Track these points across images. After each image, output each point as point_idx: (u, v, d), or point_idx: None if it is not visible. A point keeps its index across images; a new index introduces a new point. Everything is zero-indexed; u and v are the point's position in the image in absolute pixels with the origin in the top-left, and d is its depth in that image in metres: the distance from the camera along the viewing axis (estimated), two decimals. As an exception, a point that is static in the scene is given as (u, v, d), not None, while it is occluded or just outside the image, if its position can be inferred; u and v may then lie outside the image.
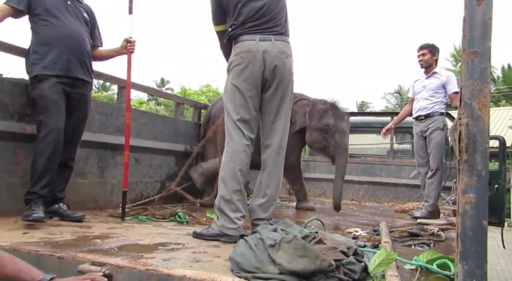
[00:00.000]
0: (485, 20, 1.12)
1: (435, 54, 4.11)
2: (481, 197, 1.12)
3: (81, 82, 2.72)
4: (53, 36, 2.59)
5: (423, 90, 4.12)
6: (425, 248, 2.39)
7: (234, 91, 2.30)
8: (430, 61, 4.10)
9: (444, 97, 4.08)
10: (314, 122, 3.96)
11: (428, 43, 4.15)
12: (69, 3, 2.72)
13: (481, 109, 1.11)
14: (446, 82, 4.02)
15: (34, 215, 2.31)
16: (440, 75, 4.08)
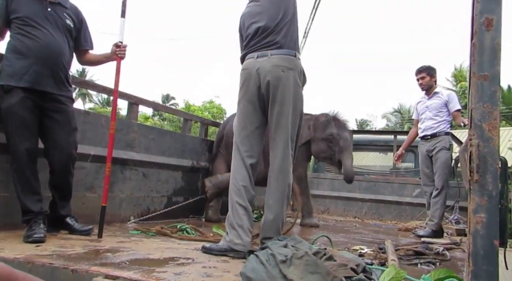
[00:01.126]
0: (495, 46, 1.17)
1: (433, 75, 4.22)
2: (492, 216, 1.15)
3: (54, 95, 2.54)
4: (26, 46, 2.45)
5: (427, 110, 4.20)
6: (431, 267, 2.40)
7: (237, 109, 2.45)
8: (430, 83, 4.21)
9: (448, 116, 4.15)
10: (319, 134, 4.27)
11: (425, 66, 4.27)
12: (49, 9, 2.56)
13: (491, 131, 1.15)
14: (448, 101, 4.11)
15: (35, 236, 2.28)
16: (441, 95, 4.17)
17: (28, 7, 2.50)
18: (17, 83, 2.40)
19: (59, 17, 2.60)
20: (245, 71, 2.40)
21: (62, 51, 2.58)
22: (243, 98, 2.41)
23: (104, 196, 2.66)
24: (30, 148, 2.42)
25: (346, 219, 5.64)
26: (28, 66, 2.43)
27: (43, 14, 2.53)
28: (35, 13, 2.50)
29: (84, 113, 3.20)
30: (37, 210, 2.43)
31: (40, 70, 2.46)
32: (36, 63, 2.45)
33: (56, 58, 2.53)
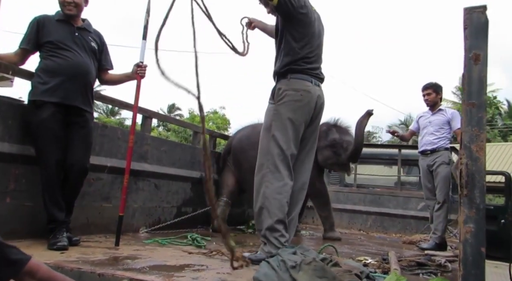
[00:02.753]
0: (481, 78, 1.33)
1: (439, 92, 4.36)
2: (480, 227, 1.29)
3: (81, 111, 2.74)
4: (58, 65, 2.66)
5: (429, 125, 4.32)
6: (432, 277, 2.52)
7: (288, 124, 2.45)
8: (435, 99, 4.34)
9: (449, 133, 4.27)
10: (321, 142, 4.20)
11: (432, 83, 4.40)
12: (76, 34, 2.79)
13: (478, 152, 1.30)
14: (451, 118, 4.23)
15: (59, 244, 2.44)
16: (445, 112, 4.30)
17: (58, 32, 2.74)
18: (49, 99, 2.60)
19: (85, 40, 2.84)
20: (308, 94, 2.51)
21: (89, 71, 2.81)
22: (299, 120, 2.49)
23: (122, 206, 2.82)
24: (59, 160, 2.61)
25: (350, 232, 5.74)
26: (60, 83, 2.64)
27: (72, 38, 2.77)
28: (65, 37, 2.74)
29: (102, 126, 3.37)
30: (61, 219, 2.59)
31: (70, 86, 2.67)
32: (67, 81, 2.66)
33: (84, 76, 2.76)
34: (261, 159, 2.47)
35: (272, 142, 2.43)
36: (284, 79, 2.54)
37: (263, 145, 2.49)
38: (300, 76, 2.52)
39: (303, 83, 2.52)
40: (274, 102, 2.54)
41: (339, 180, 6.65)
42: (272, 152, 2.42)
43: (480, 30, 1.36)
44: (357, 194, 6.31)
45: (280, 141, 2.42)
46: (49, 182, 2.59)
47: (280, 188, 2.38)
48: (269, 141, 2.44)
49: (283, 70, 2.54)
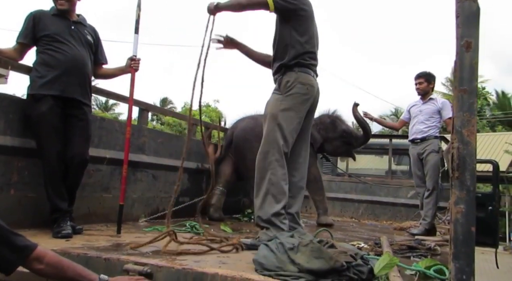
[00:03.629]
0: (472, 65, 1.41)
1: (431, 82, 4.44)
2: (470, 207, 1.38)
3: (80, 103, 2.77)
4: (55, 59, 2.68)
5: (420, 114, 4.42)
6: (422, 259, 2.62)
7: (293, 116, 2.58)
8: (427, 89, 4.42)
9: (439, 122, 4.38)
10: (331, 134, 4.57)
11: (425, 72, 4.48)
12: (73, 28, 2.82)
13: (469, 136, 1.38)
14: (441, 108, 4.33)
15: (64, 232, 2.50)
16: (436, 101, 4.39)
17: (55, 25, 2.76)
18: (47, 92, 2.63)
19: (82, 34, 2.88)
20: (313, 88, 2.65)
21: (86, 63, 2.84)
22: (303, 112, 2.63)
23: (122, 196, 2.88)
24: (60, 151, 2.65)
25: (343, 220, 5.86)
26: (58, 76, 2.67)
27: (68, 32, 2.80)
28: (61, 31, 2.77)
29: (100, 119, 3.41)
30: (65, 208, 2.65)
31: (68, 79, 2.70)
32: (65, 74, 2.69)
33: (82, 69, 2.79)
34: (266, 146, 2.55)
35: (278, 132, 2.53)
36: (292, 72, 2.63)
37: (268, 133, 2.57)
38: (306, 70, 2.64)
39: (309, 77, 2.64)
40: (281, 93, 2.63)
41: (331, 169, 6.75)
42: (278, 141, 2.52)
43: (471, 18, 1.43)
44: (349, 183, 6.44)
45: (285, 131, 2.53)
46: (51, 173, 2.63)
47: (284, 175, 2.50)
48: (275, 130, 2.54)
49: (291, 63, 2.63)
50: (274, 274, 1.65)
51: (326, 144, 4.60)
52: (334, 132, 4.61)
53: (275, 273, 1.66)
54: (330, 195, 6.42)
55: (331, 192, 6.40)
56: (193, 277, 1.71)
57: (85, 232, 2.76)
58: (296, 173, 2.66)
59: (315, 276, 1.61)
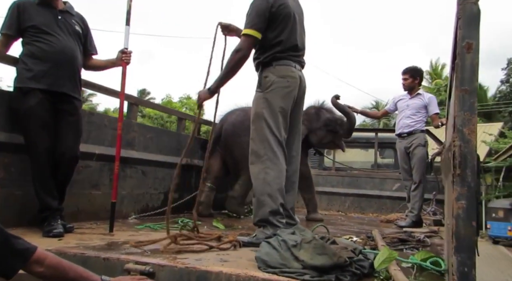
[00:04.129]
0: (474, 65, 1.43)
1: (417, 77, 4.52)
2: (471, 203, 1.41)
3: (69, 98, 2.70)
4: (43, 50, 2.58)
5: (407, 108, 4.50)
6: (415, 251, 2.69)
7: (279, 111, 2.53)
8: (412, 85, 4.51)
9: (425, 117, 4.47)
10: (315, 124, 4.45)
11: (410, 68, 4.56)
12: (60, 18, 2.71)
13: (470, 134, 1.41)
14: (428, 103, 4.42)
15: (55, 231, 2.45)
16: (423, 97, 4.48)
17: (41, 16, 2.65)
18: (36, 85, 2.54)
19: (69, 24, 2.77)
20: (295, 80, 2.60)
21: (76, 55, 2.75)
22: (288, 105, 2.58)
23: (114, 193, 2.83)
24: (49, 147, 2.58)
25: (330, 213, 5.94)
26: (47, 69, 2.58)
27: (55, 22, 2.69)
28: (48, 21, 2.66)
29: (89, 114, 3.35)
30: (55, 207, 2.59)
31: (57, 72, 2.61)
32: (54, 66, 2.60)
33: (71, 61, 2.70)
34: (257, 146, 2.52)
35: (267, 130, 2.49)
36: (270, 67, 2.59)
37: (257, 133, 2.54)
38: (284, 62, 2.59)
39: (288, 69, 2.59)
40: (262, 91, 2.59)
41: (318, 163, 6.81)
42: (268, 139, 2.49)
43: (472, 20, 1.45)
44: (335, 177, 6.51)
45: (274, 128, 2.50)
46: (40, 170, 2.56)
47: (279, 172, 2.48)
48: (263, 129, 2.50)
49: (267, 59, 2.60)
50: (278, 271, 1.67)
51: (310, 135, 4.47)
52: (317, 121, 4.50)
53: (280, 270, 1.67)
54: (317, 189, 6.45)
55: (318, 186, 6.44)
56: (197, 275, 1.71)
57: (76, 230, 2.72)
58: (288, 167, 2.65)
59: (319, 272, 1.63)
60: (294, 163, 2.69)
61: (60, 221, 2.57)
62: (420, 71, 4.57)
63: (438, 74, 26.58)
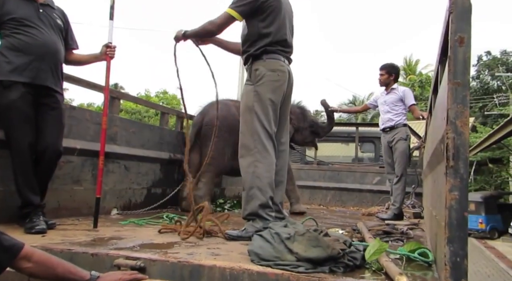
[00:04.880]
0: (465, 59, 1.46)
1: (392, 74, 4.63)
2: (463, 194, 1.44)
3: (52, 91, 2.63)
4: (24, 43, 2.52)
5: (384, 104, 4.62)
6: (399, 243, 2.74)
7: (269, 105, 2.52)
8: (387, 80, 4.63)
9: (403, 109, 4.57)
10: (302, 124, 4.67)
11: (386, 64, 4.68)
12: (41, 11, 2.64)
13: (463, 127, 1.44)
14: (403, 96, 4.53)
15: (37, 228, 2.37)
16: (397, 90, 4.60)
17: (22, 9, 2.56)
18: (17, 78, 2.46)
19: (51, 17, 2.69)
20: (284, 74, 2.60)
21: (58, 49, 2.67)
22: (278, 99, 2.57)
23: (98, 188, 2.77)
24: (31, 142, 2.49)
25: (312, 207, 5.99)
26: (28, 62, 2.50)
27: (37, 15, 2.61)
28: (29, 14, 2.58)
29: (70, 108, 3.25)
30: (37, 203, 2.51)
31: (39, 66, 2.53)
32: (36, 59, 2.52)
33: (53, 55, 2.62)
34: (247, 140, 2.50)
35: (257, 123, 2.48)
36: (260, 60, 2.58)
37: (247, 126, 2.52)
38: (274, 56, 2.59)
39: (278, 63, 2.59)
40: (252, 83, 2.58)
41: (300, 158, 6.86)
42: (258, 132, 2.47)
43: (464, 14, 1.48)
44: (317, 171, 6.57)
45: (264, 121, 2.49)
46: (22, 165, 2.48)
47: (269, 166, 2.47)
48: (253, 122, 2.49)
49: (257, 52, 2.59)
50: (272, 264, 1.66)
51: (296, 134, 4.64)
52: (304, 122, 4.70)
53: (274, 262, 1.67)
54: (299, 183, 6.51)
55: (300, 180, 6.50)
56: (190, 270, 1.69)
57: (58, 227, 2.63)
58: (278, 161, 2.64)
59: (313, 264, 1.64)
60: (283, 157, 2.69)
61: (42, 217, 2.49)
62: (397, 68, 4.69)
63: (412, 70, 27.20)
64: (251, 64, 2.62)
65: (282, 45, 2.62)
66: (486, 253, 11.32)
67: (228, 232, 2.43)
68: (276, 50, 2.59)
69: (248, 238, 2.27)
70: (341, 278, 1.59)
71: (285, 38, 2.63)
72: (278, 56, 2.60)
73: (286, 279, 1.58)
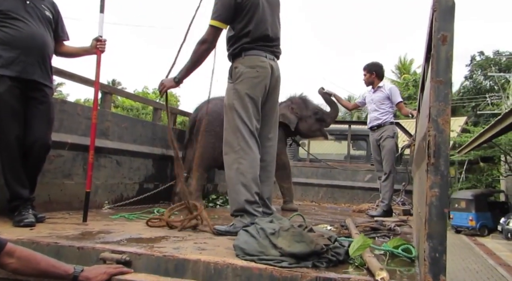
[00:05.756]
0: (448, 57, 1.48)
1: (372, 72, 4.66)
2: (443, 191, 1.47)
3: (40, 85, 2.61)
4: (11, 36, 2.48)
5: (372, 102, 4.68)
6: (386, 239, 2.78)
7: (248, 101, 2.53)
8: (370, 79, 4.68)
9: (391, 107, 4.61)
10: (305, 112, 4.56)
11: (367, 64, 4.73)
12: (28, 2, 2.59)
13: (444, 124, 1.46)
14: (390, 94, 4.58)
15: (26, 221, 2.37)
16: (384, 89, 4.64)
17: (8, 1, 2.53)
18: (4, 72, 2.44)
19: (38, 9, 2.65)
20: (265, 69, 2.59)
21: (46, 42, 2.65)
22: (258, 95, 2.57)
23: (88, 182, 2.78)
24: (19, 136, 2.49)
25: (304, 203, 6.02)
26: (15, 56, 2.48)
27: (24, 7, 2.58)
28: (16, 6, 2.54)
29: (61, 102, 3.25)
30: (26, 196, 2.51)
31: (27, 59, 2.52)
32: (23, 53, 2.50)
33: (41, 48, 2.60)
34: (230, 137, 2.53)
35: (238, 120, 2.50)
36: (239, 58, 2.60)
37: (230, 124, 2.55)
38: (254, 52, 2.60)
39: (258, 59, 2.60)
40: (232, 82, 2.60)
41: (293, 155, 6.88)
42: (240, 129, 2.49)
43: (447, 13, 1.50)
44: (309, 168, 6.60)
45: (245, 118, 2.51)
46: (10, 159, 2.48)
47: (253, 162, 2.49)
48: (234, 120, 2.51)
49: (236, 50, 2.62)
50: (256, 258, 1.68)
51: (301, 123, 4.54)
52: (307, 109, 4.59)
53: (258, 257, 1.69)
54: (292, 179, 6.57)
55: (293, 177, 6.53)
56: (175, 264, 1.71)
57: (48, 220, 2.64)
58: (265, 157, 2.66)
59: (296, 259, 1.66)
60: (270, 153, 2.70)
61: (31, 210, 2.50)
62: (376, 66, 4.69)
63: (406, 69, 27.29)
64: (232, 62, 2.66)
65: (263, 40, 2.62)
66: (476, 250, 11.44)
67: (216, 227, 2.45)
68: (255, 46, 2.60)
69: (235, 233, 2.25)
70: (323, 273, 1.61)
71: (266, 33, 2.62)
72: (258, 52, 2.60)
73: (269, 274, 1.60)
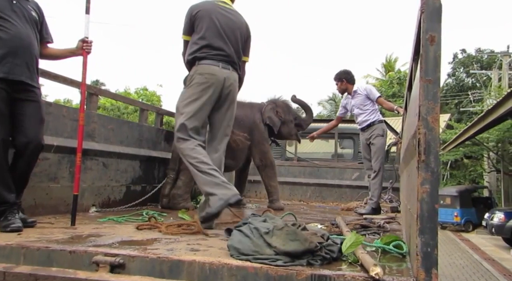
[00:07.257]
0: (436, 57, 1.52)
1: (342, 79, 4.79)
2: (434, 187, 1.50)
3: (28, 86, 2.57)
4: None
5: (355, 108, 4.79)
6: (376, 236, 2.81)
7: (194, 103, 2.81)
8: (342, 87, 4.82)
9: (373, 105, 4.70)
10: (287, 116, 4.80)
11: (336, 74, 4.84)
12: (14, 2, 2.56)
13: (434, 122, 1.50)
14: (367, 93, 4.68)
15: (13, 226, 2.33)
16: (360, 90, 4.77)
17: None
18: None
19: (25, 9, 2.61)
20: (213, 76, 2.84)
21: (33, 43, 2.61)
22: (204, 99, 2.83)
23: (76, 185, 2.74)
24: (5, 139, 2.44)
25: (292, 202, 6.05)
26: (2, 57, 2.44)
27: (10, 7, 2.54)
28: (2, 6, 2.50)
29: (46, 104, 3.18)
30: (12, 200, 2.46)
31: (14, 60, 2.47)
32: (10, 54, 2.46)
33: (28, 49, 2.56)
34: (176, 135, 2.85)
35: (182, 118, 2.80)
36: (194, 66, 2.89)
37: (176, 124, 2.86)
38: (206, 61, 2.87)
39: (209, 67, 2.86)
40: (184, 87, 2.92)
41: (280, 154, 6.90)
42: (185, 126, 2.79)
43: (435, 14, 1.54)
44: (297, 167, 6.63)
45: (186, 116, 2.79)
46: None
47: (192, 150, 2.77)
48: (180, 119, 2.82)
49: (190, 57, 2.90)
50: (251, 258, 1.69)
51: (283, 126, 4.76)
52: (289, 114, 4.84)
53: (253, 257, 1.69)
54: (279, 179, 6.57)
55: (280, 177, 6.55)
56: (170, 265, 1.70)
57: (38, 225, 2.60)
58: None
59: (291, 258, 1.67)
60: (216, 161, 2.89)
61: (18, 215, 2.45)
62: (344, 73, 4.79)
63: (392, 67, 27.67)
64: (188, 70, 2.96)
65: (216, 49, 2.87)
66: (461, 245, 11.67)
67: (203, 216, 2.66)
68: (207, 55, 2.86)
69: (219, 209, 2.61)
70: (318, 270, 1.63)
71: (218, 45, 2.87)
72: (211, 61, 2.86)
73: (265, 272, 1.61)
